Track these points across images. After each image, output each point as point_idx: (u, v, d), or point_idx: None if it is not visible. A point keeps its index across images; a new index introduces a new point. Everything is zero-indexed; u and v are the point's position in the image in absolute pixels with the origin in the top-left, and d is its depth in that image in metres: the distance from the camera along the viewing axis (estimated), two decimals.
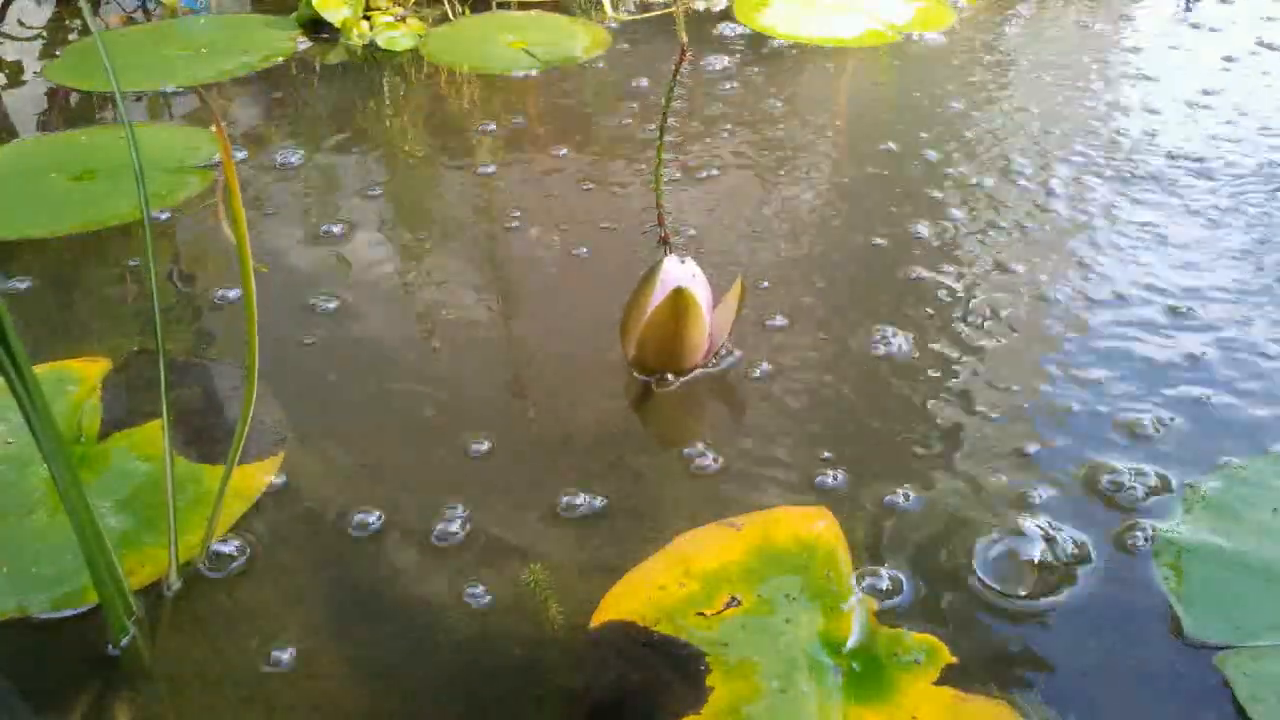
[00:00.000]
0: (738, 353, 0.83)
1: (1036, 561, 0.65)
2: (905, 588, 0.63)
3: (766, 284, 0.92)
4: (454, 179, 1.12)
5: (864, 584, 0.63)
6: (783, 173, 1.12)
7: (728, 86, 1.32)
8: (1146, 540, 0.66)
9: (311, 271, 0.95)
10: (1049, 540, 0.66)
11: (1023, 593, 0.63)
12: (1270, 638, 0.60)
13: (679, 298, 0.73)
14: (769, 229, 1.01)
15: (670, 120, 0.74)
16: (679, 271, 0.76)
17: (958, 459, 0.73)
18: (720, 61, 1.39)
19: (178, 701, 0.58)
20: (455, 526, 0.68)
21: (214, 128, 1.17)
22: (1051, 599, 0.63)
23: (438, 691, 0.58)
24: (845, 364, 0.83)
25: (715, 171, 1.11)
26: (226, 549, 0.66)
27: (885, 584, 0.63)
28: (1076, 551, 0.65)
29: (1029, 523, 0.67)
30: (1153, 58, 1.43)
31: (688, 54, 0.70)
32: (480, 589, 0.64)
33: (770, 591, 0.63)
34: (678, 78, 0.71)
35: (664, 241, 0.77)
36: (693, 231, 1.00)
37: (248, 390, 0.61)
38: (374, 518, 0.69)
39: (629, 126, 1.22)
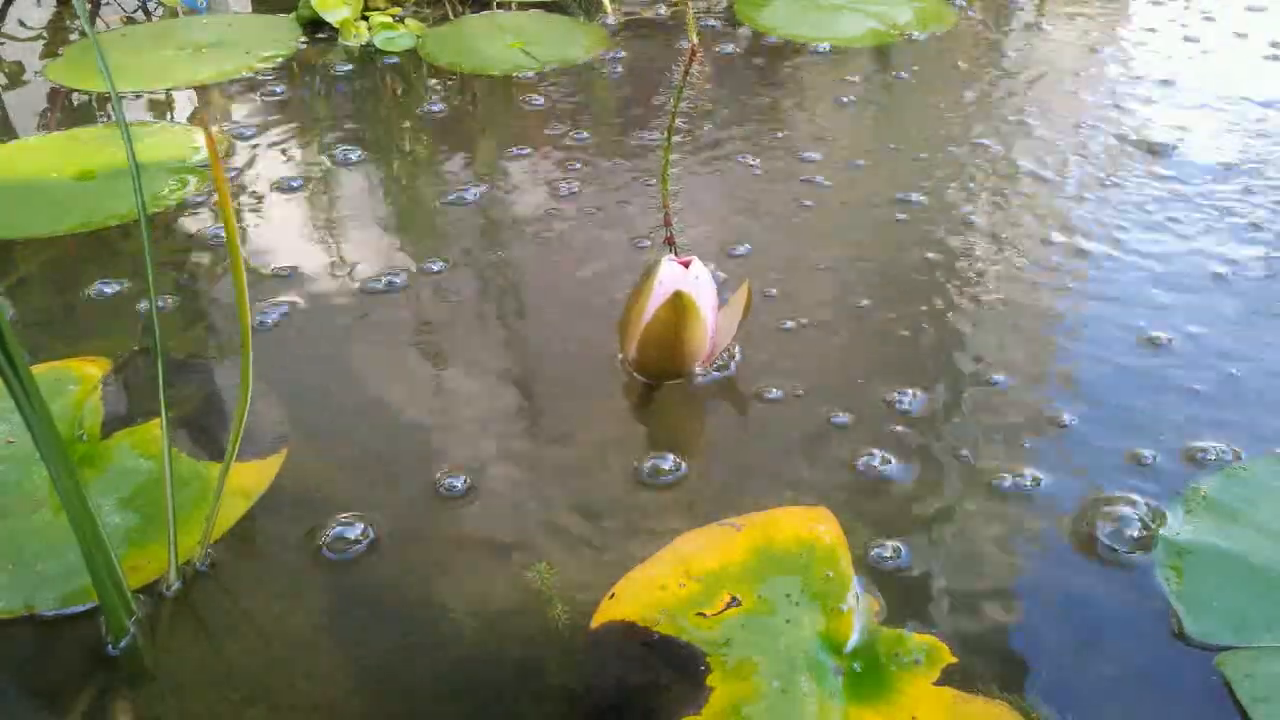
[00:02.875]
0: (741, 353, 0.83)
1: None
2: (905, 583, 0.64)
3: (775, 291, 0.92)
4: (452, 179, 1.12)
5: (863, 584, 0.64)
6: (781, 172, 1.12)
7: (728, 86, 1.32)
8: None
9: (306, 270, 0.95)
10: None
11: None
12: (1271, 638, 0.60)
13: (678, 301, 0.73)
14: (775, 226, 1.01)
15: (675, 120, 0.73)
16: (678, 274, 0.75)
17: (968, 466, 0.74)
18: (720, 60, 1.39)
19: (178, 701, 0.58)
20: (455, 527, 0.68)
21: (210, 129, 1.17)
22: (1052, 599, 0.63)
23: (438, 691, 0.58)
24: (843, 357, 0.83)
25: (715, 172, 1.11)
26: (225, 549, 0.66)
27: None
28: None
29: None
30: (1155, 57, 1.43)
31: (699, 54, 0.69)
32: (480, 590, 0.64)
33: (770, 592, 0.63)
34: (687, 78, 0.70)
35: (669, 243, 0.77)
36: (704, 229, 1.00)
37: (243, 389, 0.61)
38: (373, 518, 0.69)
39: (628, 126, 1.22)
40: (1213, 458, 0.72)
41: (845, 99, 1.29)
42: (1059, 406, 0.78)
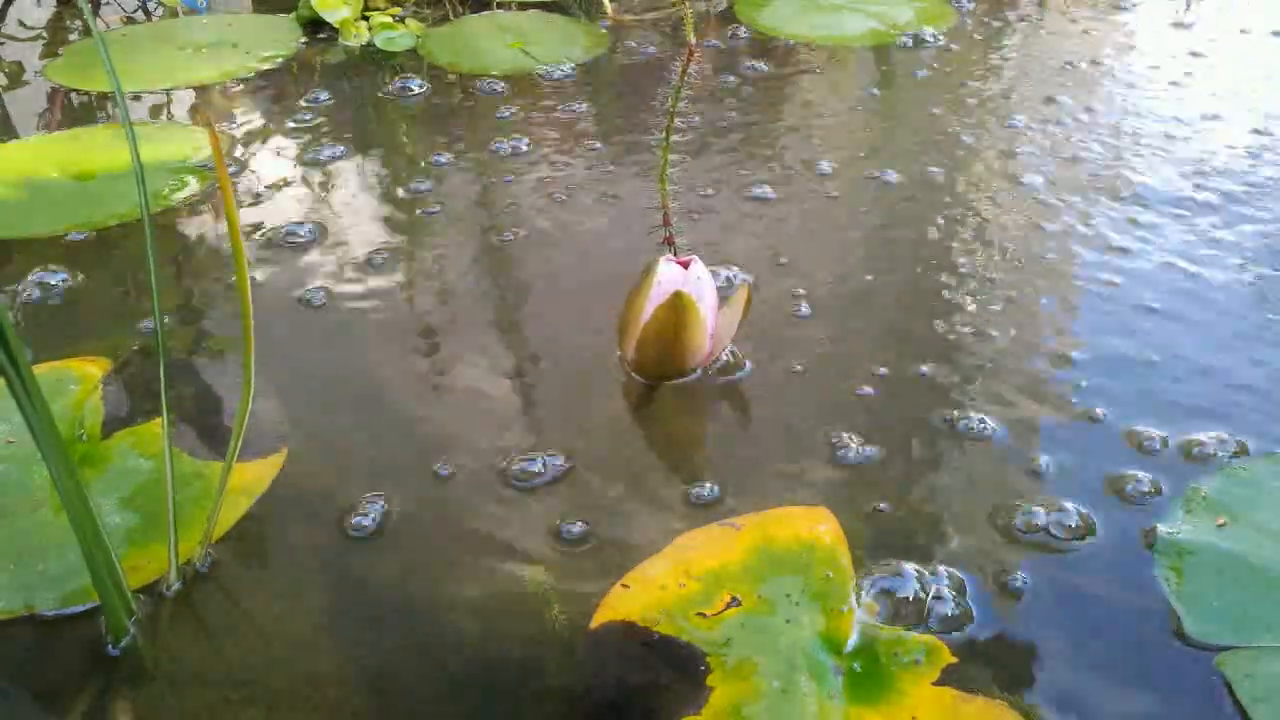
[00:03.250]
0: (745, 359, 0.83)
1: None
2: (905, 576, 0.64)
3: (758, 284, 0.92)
4: (453, 179, 1.12)
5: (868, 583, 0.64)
6: (784, 172, 1.12)
7: (730, 86, 1.32)
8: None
9: (307, 272, 0.95)
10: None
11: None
12: (1271, 638, 0.60)
13: (678, 301, 0.73)
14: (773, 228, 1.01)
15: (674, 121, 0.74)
16: (677, 274, 0.75)
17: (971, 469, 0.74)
18: (721, 60, 1.39)
19: (178, 701, 0.58)
20: (458, 525, 0.68)
21: (211, 129, 1.17)
22: (1052, 599, 0.63)
23: (438, 692, 0.59)
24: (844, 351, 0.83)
25: (718, 173, 1.11)
26: (225, 549, 0.66)
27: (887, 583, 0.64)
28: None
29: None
30: (1154, 57, 1.43)
31: (696, 53, 0.70)
32: (481, 591, 0.64)
33: (771, 592, 0.63)
34: (685, 78, 0.70)
35: (669, 243, 0.77)
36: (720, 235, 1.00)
37: (245, 388, 0.61)
38: (374, 518, 0.69)
39: (628, 126, 1.22)
40: None
41: (845, 99, 1.29)
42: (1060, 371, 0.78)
